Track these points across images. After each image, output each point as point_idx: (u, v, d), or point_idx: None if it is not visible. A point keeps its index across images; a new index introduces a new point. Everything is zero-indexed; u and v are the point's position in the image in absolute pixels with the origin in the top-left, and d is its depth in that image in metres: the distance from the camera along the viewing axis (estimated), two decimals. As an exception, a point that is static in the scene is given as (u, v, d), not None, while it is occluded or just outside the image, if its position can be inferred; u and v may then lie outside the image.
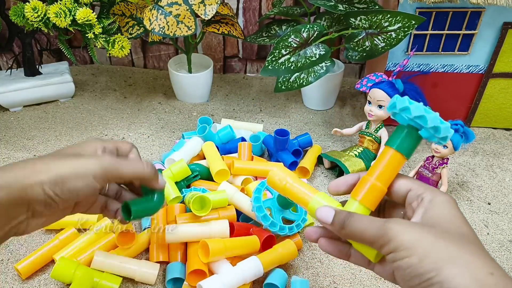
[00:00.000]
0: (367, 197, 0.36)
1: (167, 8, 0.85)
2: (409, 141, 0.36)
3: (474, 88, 0.93)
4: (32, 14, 0.83)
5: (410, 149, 0.36)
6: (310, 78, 0.87)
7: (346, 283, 0.65)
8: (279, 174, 0.44)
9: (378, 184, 0.36)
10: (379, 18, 0.80)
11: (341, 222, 0.34)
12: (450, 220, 0.33)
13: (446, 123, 0.34)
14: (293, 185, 0.42)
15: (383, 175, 0.36)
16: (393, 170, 0.36)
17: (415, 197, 0.35)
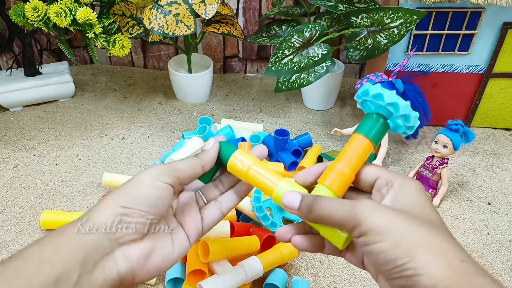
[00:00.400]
0: (335, 183, 0.36)
1: (166, 7, 0.85)
2: (377, 128, 0.36)
3: (474, 88, 0.93)
4: (32, 13, 0.83)
5: (378, 136, 0.36)
6: (310, 78, 0.87)
7: (346, 283, 0.65)
8: (241, 159, 0.40)
9: (346, 170, 0.36)
10: (380, 16, 0.80)
11: (309, 206, 0.34)
12: (420, 205, 0.33)
13: (415, 113, 0.35)
14: (258, 171, 0.39)
15: (351, 162, 0.36)
16: (361, 157, 0.36)
17: (385, 183, 0.35)
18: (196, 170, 0.39)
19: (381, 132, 0.36)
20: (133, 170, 0.85)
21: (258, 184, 0.39)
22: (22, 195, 0.79)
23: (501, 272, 0.67)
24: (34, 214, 0.75)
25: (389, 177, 0.35)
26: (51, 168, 0.85)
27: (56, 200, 0.78)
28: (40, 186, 0.81)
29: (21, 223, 0.73)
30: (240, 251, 0.63)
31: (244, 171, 0.39)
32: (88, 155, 0.89)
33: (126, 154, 0.90)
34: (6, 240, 0.70)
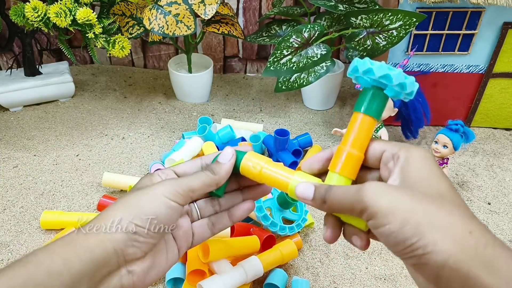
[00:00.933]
0: (346, 167, 0.35)
1: (166, 8, 0.85)
2: (376, 102, 0.35)
3: (474, 88, 0.93)
4: (32, 14, 0.83)
5: (378, 110, 0.35)
6: (310, 78, 0.87)
7: (346, 283, 0.65)
8: (252, 160, 0.39)
9: (354, 152, 0.35)
10: (380, 17, 0.80)
11: (322, 196, 0.34)
12: (428, 178, 0.32)
13: (410, 77, 0.33)
14: (270, 169, 0.38)
15: (357, 142, 0.35)
16: (366, 135, 0.35)
17: (391, 157, 0.34)
18: (210, 188, 0.39)
19: (381, 105, 0.35)
20: (133, 170, 0.85)
21: (273, 181, 0.38)
22: (22, 195, 0.79)
23: (501, 272, 0.67)
24: (34, 214, 0.75)
25: (394, 150, 0.34)
26: (51, 168, 0.85)
27: (56, 200, 0.78)
28: (40, 186, 0.81)
29: (21, 223, 0.73)
30: (240, 251, 0.63)
31: (257, 171, 0.39)
32: (88, 155, 0.89)
33: (126, 154, 0.90)
34: (6, 240, 0.70)
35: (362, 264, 0.68)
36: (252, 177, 0.40)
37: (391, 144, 0.35)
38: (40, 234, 0.71)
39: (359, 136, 0.35)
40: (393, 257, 0.69)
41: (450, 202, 0.31)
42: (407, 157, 0.33)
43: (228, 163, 0.39)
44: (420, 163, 0.33)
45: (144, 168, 0.86)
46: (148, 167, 0.84)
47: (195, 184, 0.37)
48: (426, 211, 0.29)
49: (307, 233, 0.73)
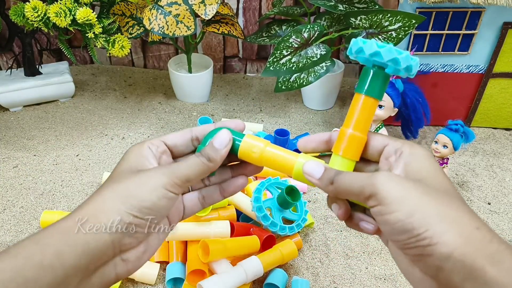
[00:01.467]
0: (349, 150, 0.35)
1: (166, 8, 0.85)
2: (378, 82, 0.34)
3: (474, 88, 0.93)
4: (32, 14, 0.83)
5: (380, 90, 0.35)
6: (310, 78, 0.87)
7: (346, 283, 0.65)
8: (251, 143, 0.37)
9: (357, 134, 0.35)
10: (379, 18, 0.80)
11: (330, 179, 0.34)
12: (433, 174, 0.32)
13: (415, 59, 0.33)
14: (272, 152, 0.37)
15: (360, 124, 0.35)
16: (368, 117, 0.35)
17: (393, 151, 0.35)
18: (205, 175, 0.38)
19: (383, 85, 0.35)
20: (133, 170, 0.85)
21: (276, 163, 0.37)
22: (22, 195, 0.79)
23: (501, 272, 0.67)
24: (34, 214, 0.75)
25: (398, 145, 0.34)
26: (51, 168, 0.85)
27: (56, 200, 0.78)
28: (40, 186, 0.81)
29: (21, 223, 0.73)
30: (240, 251, 0.63)
31: (258, 154, 0.37)
32: (88, 155, 0.89)
33: (126, 154, 0.90)
34: (6, 240, 0.70)
35: (362, 264, 0.68)
36: (252, 160, 0.38)
37: (393, 139, 0.35)
38: (40, 234, 0.71)
39: (361, 118, 0.35)
40: (393, 257, 0.69)
41: (456, 198, 0.31)
42: (411, 153, 0.33)
43: (225, 149, 0.37)
44: (424, 159, 0.33)
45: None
46: (148, 167, 0.84)
47: (192, 174, 0.36)
48: (436, 204, 0.30)
49: (307, 233, 0.73)
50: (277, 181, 0.70)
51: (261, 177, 0.79)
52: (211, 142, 0.37)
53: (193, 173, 0.36)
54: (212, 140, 0.37)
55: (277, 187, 0.70)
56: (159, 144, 0.38)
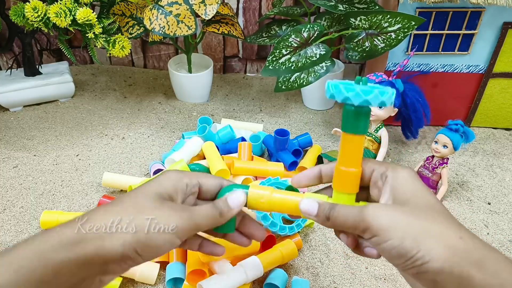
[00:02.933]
0: (345, 185, 0.38)
1: (167, 8, 0.85)
2: (360, 120, 0.36)
3: (474, 88, 0.93)
4: (32, 14, 0.83)
5: (364, 126, 0.37)
6: (310, 78, 0.87)
7: (346, 283, 0.65)
8: (258, 193, 0.40)
9: (351, 170, 0.37)
10: (379, 19, 0.80)
11: (326, 214, 0.36)
12: (417, 194, 0.35)
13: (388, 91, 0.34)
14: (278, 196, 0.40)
15: (352, 160, 0.38)
16: (357, 151, 0.37)
17: (379, 176, 0.37)
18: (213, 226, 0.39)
19: (365, 121, 0.36)
20: (133, 170, 0.85)
21: (283, 207, 0.40)
22: (22, 195, 0.79)
23: (501, 272, 0.67)
24: (34, 214, 0.75)
25: (382, 170, 0.37)
26: (51, 168, 0.85)
27: (56, 200, 0.78)
28: (40, 186, 0.81)
29: (21, 223, 0.73)
30: (240, 251, 0.63)
31: (266, 202, 0.40)
32: (88, 155, 0.89)
33: (126, 154, 0.90)
34: (6, 240, 0.70)
35: (362, 264, 0.68)
36: (261, 208, 0.41)
37: (378, 164, 0.38)
38: (40, 234, 0.71)
39: (352, 154, 0.38)
40: (393, 257, 0.69)
41: (439, 212, 0.34)
42: (394, 177, 0.36)
43: (237, 209, 0.39)
44: (407, 180, 0.36)
45: (144, 168, 0.86)
46: (148, 167, 0.85)
47: (203, 224, 0.37)
48: (421, 224, 0.32)
49: (307, 233, 0.73)
50: (277, 181, 0.70)
51: (261, 177, 0.79)
52: (226, 198, 0.39)
53: (204, 224, 0.38)
54: (227, 196, 0.39)
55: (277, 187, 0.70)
56: (195, 184, 0.40)
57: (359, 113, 0.36)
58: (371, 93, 0.34)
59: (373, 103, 0.34)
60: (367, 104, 0.34)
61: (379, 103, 0.34)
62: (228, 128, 0.87)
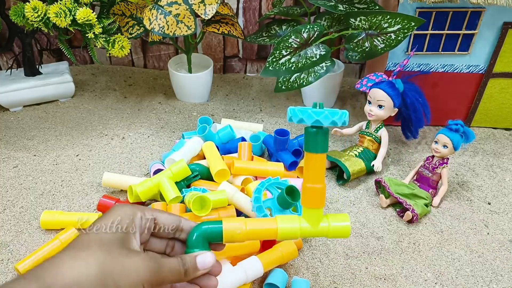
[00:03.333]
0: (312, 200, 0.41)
1: (166, 8, 0.85)
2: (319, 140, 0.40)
3: (474, 88, 0.93)
4: (32, 14, 0.83)
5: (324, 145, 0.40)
6: (310, 78, 0.87)
7: (346, 283, 0.65)
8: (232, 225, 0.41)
9: (317, 186, 0.41)
10: (378, 19, 0.80)
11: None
12: None
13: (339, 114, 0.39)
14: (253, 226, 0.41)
15: (316, 177, 0.41)
16: (321, 168, 0.41)
17: None
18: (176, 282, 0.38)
19: (324, 140, 0.40)
20: (133, 170, 0.85)
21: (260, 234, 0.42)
22: (22, 195, 0.79)
23: (501, 272, 0.67)
24: (34, 214, 0.75)
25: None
26: (51, 168, 0.85)
27: (56, 200, 0.78)
28: (40, 186, 0.81)
29: (21, 223, 0.73)
30: (240, 251, 0.63)
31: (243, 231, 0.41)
32: (88, 155, 0.89)
33: (126, 154, 0.90)
34: (6, 240, 0.70)
35: (362, 264, 0.68)
36: (238, 239, 0.42)
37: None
38: (40, 234, 0.71)
39: (316, 172, 0.41)
40: (393, 257, 0.69)
41: None
42: None
43: (204, 271, 0.38)
44: None
45: (144, 168, 0.86)
46: (148, 167, 0.85)
47: (168, 279, 0.36)
48: None
49: (307, 233, 0.73)
50: (277, 181, 0.70)
51: (261, 177, 0.79)
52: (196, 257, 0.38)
53: (169, 279, 0.36)
54: (197, 257, 0.38)
55: (277, 187, 0.70)
56: (150, 219, 0.39)
57: (317, 134, 0.39)
58: (322, 113, 0.38)
59: (324, 122, 0.38)
60: (319, 124, 0.38)
61: (330, 122, 0.38)
62: (228, 128, 0.87)
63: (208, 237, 0.40)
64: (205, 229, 0.40)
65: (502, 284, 0.65)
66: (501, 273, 0.67)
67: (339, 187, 0.83)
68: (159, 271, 0.35)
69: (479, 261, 0.69)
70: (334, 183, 0.84)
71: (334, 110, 0.39)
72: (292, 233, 0.41)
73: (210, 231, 0.40)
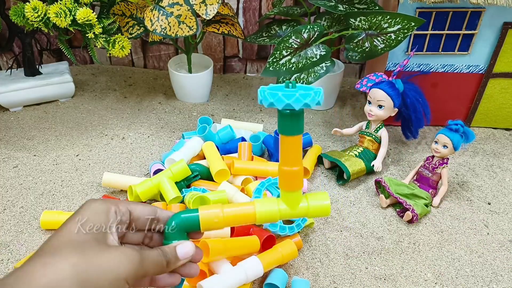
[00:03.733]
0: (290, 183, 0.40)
1: (168, 9, 0.85)
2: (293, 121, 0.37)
3: (474, 88, 0.93)
4: (32, 14, 0.83)
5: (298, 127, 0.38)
6: (310, 78, 0.87)
7: (346, 283, 0.65)
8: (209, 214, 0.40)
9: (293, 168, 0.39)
10: (378, 19, 0.80)
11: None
12: None
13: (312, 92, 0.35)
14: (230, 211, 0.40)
15: (289, 159, 0.39)
16: (296, 151, 0.39)
17: None
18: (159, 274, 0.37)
19: (298, 122, 0.37)
20: (133, 170, 0.85)
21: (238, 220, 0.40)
22: (22, 195, 0.79)
23: (501, 272, 0.67)
24: (34, 214, 0.75)
25: None
26: (51, 168, 0.85)
27: (56, 200, 0.78)
28: (40, 186, 0.81)
29: (21, 223, 0.73)
30: (240, 251, 0.63)
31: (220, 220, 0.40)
32: (88, 155, 0.89)
33: (126, 154, 0.90)
34: (6, 240, 0.70)
35: (362, 264, 0.68)
36: (216, 228, 0.40)
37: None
38: (40, 234, 0.71)
39: (292, 154, 0.39)
40: (393, 257, 0.69)
41: None
42: None
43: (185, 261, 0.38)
44: None
45: (144, 168, 0.86)
46: (148, 167, 0.85)
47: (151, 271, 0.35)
48: None
49: (307, 233, 0.73)
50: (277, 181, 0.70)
51: (261, 177, 0.79)
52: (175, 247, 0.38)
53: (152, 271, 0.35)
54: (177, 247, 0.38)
55: (277, 187, 0.70)
56: (125, 212, 0.38)
57: (290, 116, 0.37)
58: (293, 96, 0.35)
59: (295, 106, 0.35)
60: (290, 108, 0.35)
61: (302, 105, 0.35)
62: (228, 128, 0.87)
63: (185, 227, 0.39)
64: (181, 218, 0.39)
65: (502, 284, 0.65)
66: (501, 273, 0.67)
67: (339, 187, 0.83)
68: (142, 263, 0.34)
69: (479, 261, 0.69)
70: (334, 183, 0.84)
71: (307, 89, 0.35)
72: (271, 216, 0.40)
73: (187, 220, 0.39)
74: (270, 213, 0.40)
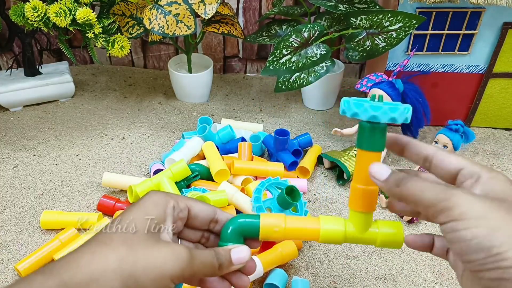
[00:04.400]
0: (362, 203, 0.37)
1: (166, 8, 0.85)
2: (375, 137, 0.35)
3: (474, 88, 0.93)
4: (32, 13, 0.83)
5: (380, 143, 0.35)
6: (310, 78, 0.87)
7: (346, 283, 0.65)
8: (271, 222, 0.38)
9: (368, 187, 0.36)
10: (379, 18, 0.80)
11: (398, 181, 0.33)
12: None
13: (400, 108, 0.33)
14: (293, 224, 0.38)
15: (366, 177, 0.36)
16: None
17: (469, 175, 0.32)
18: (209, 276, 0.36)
19: (381, 138, 0.35)
20: (133, 170, 0.85)
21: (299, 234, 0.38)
22: (22, 195, 0.79)
23: (501, 272, 0.67)
24: (34, 214, 0.75)
25: (475, 169, 0.32)
26: (51, 168, 0.85)
27: (56, 200, 0.78)
28: (40, 186, 0.81)
29: (21, 223, 0.73)
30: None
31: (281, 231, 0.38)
32: (88, 155, 0.89)
33: (126, 154, 0.90)
34: (6, 240, 0.70)
35: (362, 264, 0.68)
36: (275, 238, 0.39)
37: (471, 163, 0.33)
38: (40, 234, 0.71)
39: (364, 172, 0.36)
40: (393, 257, 0.69)
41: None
42: (491, 177, 0.32)
43: (238, 266, 0.36)
44: (505, 183, 0.31)
45: (144, 168, 0.86)
46: (148, 167, 0.85)
47: (201, 272, 0.34)
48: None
49: (307, 233, 0.73)
50: (277, 181, 0.70)
51: (261, 177, 0.79)
52: (230, 250, 0.36)
53: (202, 273, 0.34)
54: (232, 250, 0.36)
55: (277, 187, 0.70)
56: (183, 208, 0.37)
57: (373, 130, 0.35)
58: (380, 109, 0.33)
59: (382, 119, 0.33)
60: (375, 120, 0.33)
61: (389, 119, 0.33)
62: (228, 128, 0.87)
63: (243, 232, 0.38)
64: (241, 222, 0.38)
65: None
66: (501, 273, 0.67)
67: (339, 187, 0.83)
68: (192, 263, 0.32)
69: (479, 261, 0.69)
70: (334, 183, 0.84)
71: (395, 105, 0.33)
72: (336, 236, 0.38)
73: (247, 225, 0.38)
74: (336, 233, 0.38)
